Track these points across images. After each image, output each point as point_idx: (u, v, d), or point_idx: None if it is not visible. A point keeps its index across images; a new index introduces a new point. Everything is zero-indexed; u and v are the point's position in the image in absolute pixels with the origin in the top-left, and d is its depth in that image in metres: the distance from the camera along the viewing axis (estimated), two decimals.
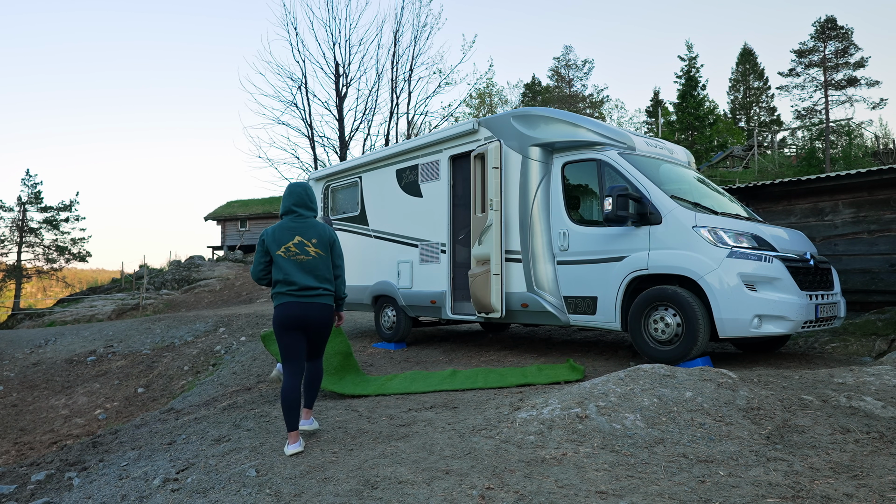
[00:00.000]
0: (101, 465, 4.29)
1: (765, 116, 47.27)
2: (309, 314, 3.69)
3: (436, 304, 7.48)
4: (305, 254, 3.72)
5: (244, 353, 9.74)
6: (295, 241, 3.72)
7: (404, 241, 8.06)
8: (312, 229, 3.78)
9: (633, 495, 2.53)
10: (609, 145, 6.03)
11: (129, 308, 21.04)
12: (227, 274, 25.61)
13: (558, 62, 46.86)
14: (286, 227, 3.76)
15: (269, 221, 32.43)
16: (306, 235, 3.75)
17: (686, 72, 36.89)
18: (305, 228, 3.77)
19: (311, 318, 3.70)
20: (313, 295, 3.70)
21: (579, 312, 5.95)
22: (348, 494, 2.75)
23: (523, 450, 3.18)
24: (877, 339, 6.50)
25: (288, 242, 3.71)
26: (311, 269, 3.72)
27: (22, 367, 12.20)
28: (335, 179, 9.53)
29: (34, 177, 33.72)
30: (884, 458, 2.84)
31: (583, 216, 6.09)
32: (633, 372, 3.99)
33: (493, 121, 6.91)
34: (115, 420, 8.52)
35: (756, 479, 2.62)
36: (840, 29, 32.74)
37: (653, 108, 43.21)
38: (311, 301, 3.70)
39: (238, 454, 3.67)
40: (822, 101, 33.18)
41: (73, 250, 33.75)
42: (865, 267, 7.99)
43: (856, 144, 30.98)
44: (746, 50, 48.31)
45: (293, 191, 3.85)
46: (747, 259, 5.01)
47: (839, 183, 8.01)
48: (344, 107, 22.07)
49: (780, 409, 3.44)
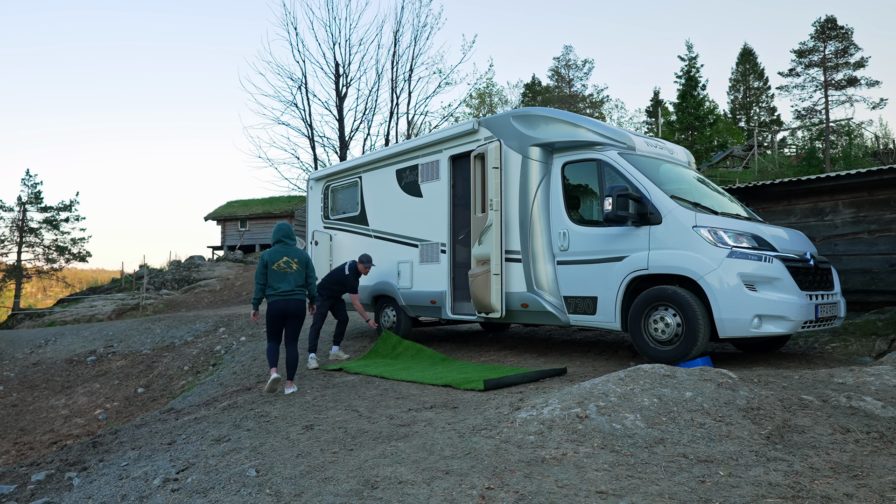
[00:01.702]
0: (101, 465, 4.29)
1: (765, 116, 47.25)
2: (289, 307, 5.71)
3: (436, 304, 7.48)
4: (289, 268, 5.75)
5: (244, 353, 9.74)
6: (283, 260, 5.74)
7: (404, 241, 8.06)
8: (295, 252, 5.84)
9: (634, 495, 2.53)
10: (609, 145, 6.03)
11: (129, 308, 21.04)
12: (227, 274, 25.61)
13: (558, 62, 46.85)
14: (278, 250, 5.79)
15: (269, 221, 32.40)
16: (290, 256, 5.79)
17: (686, 72, 36.88)
18: (290, 252, 5.80)
19: (289, 310, 5.72)
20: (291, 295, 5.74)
21: (579, 312, 5.95)
22: (348, 494, 2.75)
23: (523, 450, 3.18)
24: (877, 339, 6.50)
25: (279, 260, 5.73)
26: (293, 279, 5.75)
27: (22, 367, 12.20)
28: (335, 179, 9.53)
29: (34, 177, 33.69)
30: (884, 458, 2.84)
31: (583, 216, 6.09)
32: (634, 372, 3.99)
33: (493, 121, 6.91)
34: (115, 420, 8.52)
35: (756, 479, 2.62)
36: (840, 29, 32.73)
37: (653, 108, 43.21)
38: (290, 298, 5.72)
39: (238, 454, 3.67)
40: (822, 101, 33.18)
41: (73, 250, 33.72)
42: (865, 267, 7.99)
43: (856, 144, 30.98)
44: (746, 50, 48.30)
45: (281, 227, 5.90)
46: (747, 259, 5.01)
47: (839, 183, 8.01)
48: (344, 107, 22.09)
49: (780, 409, 3.44)
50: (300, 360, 7.19)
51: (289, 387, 5.77)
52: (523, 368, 5.93)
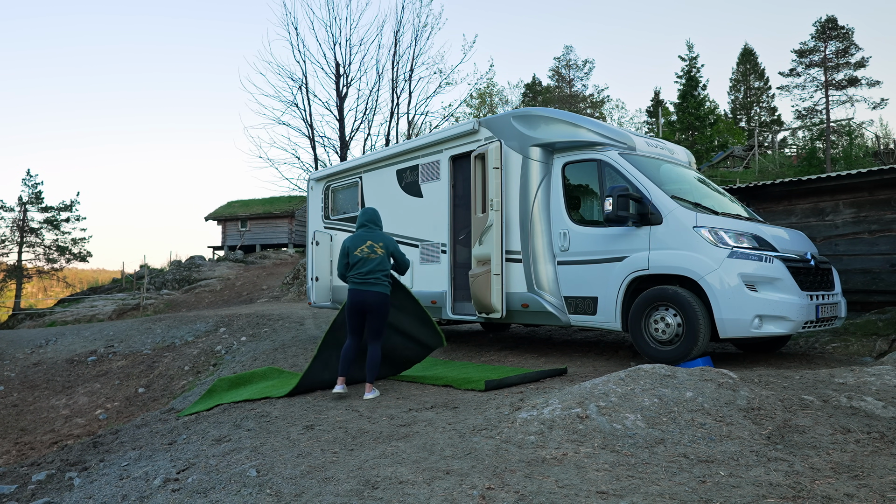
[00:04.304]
0: (101, 465, 4.29)
1: (765, 116, 47.20)
2: (366, 300, 5.05)
3: (436, 305, 7.48)
4: (373, 252, 5.14)
5: (245, 353, 9.74)
6: (367, 245, 5.17)
7: (405, 241, 8.06)
8: (379, 237, 5.24)
9: (634, 495, 2.53)
10: (609, 145, 6.03)
11: (129, 308, 21.05)
12: (227, 274, 25.61)
13: (559, 62, 46.80)
14: (360, 235, 5.23)
15: (270, 221, 32.41)
16: (375, 240, 5.20)
17: (686, 72, 36.87)
18: (374, 236, 5.22)
19: (367, 303, 5.05)
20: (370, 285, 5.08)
21: (580, 313, 5.95)
22: (349, 494, 2.75)
23: (524, 450, 3.18)
24: (877, 340, 6.49)
25: (362, 245, 5.16)
26: (376, 265, 5.11)
27: (23, 367, 12.21)
28: (336, 179, 9.53)
29: (35, 177, 33.67)
30: (884, 458, 2.84)
31: (583, 216, 6.09)
32: (634, 372, 3.99)
33: (493, 121, 6.91)
34: (115, 420, 8.52)
35: (757, 480, 2.62)
36: (841, 29, 32.69)
37: (653, 109, 43.17)
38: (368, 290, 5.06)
39: (238, 454, 3.68)
40: (823, 101, 33.14)
41: (74, 250, 33.73)
42: (866, 267, 7.98)
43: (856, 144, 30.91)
44: (747, 50, 48.25)
45: (367, 211, 5.37)
46: (748, 259, 5.01)
47: (840, 183, 8.00)
48: (344, 107, 22.11)
49: (781, 409, 3.44)
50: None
51: (368, 391, 5.08)
52: (524, 369, 5.93)
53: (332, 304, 9.40)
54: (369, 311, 5.09)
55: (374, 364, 5.14)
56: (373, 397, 5.00)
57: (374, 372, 5.14)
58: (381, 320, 5.16)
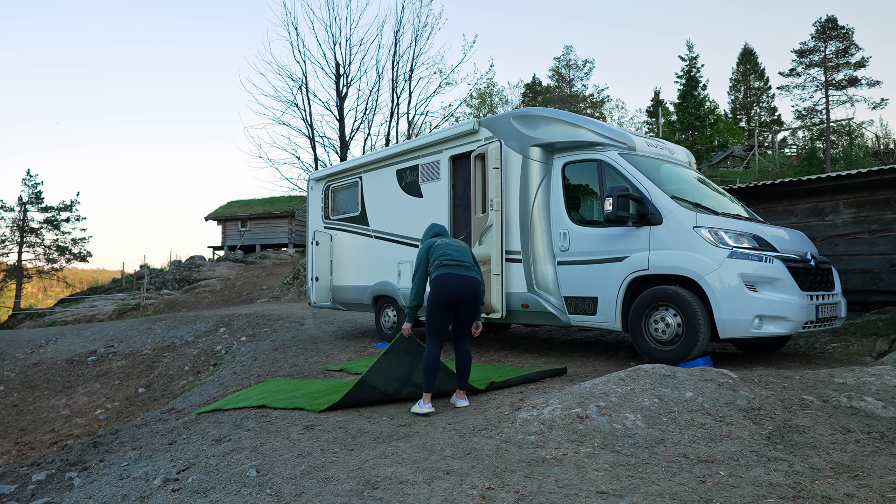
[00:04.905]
0: (101, 465, 4.29)
1: (765, 116, 47.19)
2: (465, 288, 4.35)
3: None
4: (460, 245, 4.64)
5: (245, 353, 9.74)
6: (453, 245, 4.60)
7: (405, 241, 8.06)
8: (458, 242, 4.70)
9: (634, 495, 2.53)
10: (609, 145, 6.03)
11: (129, 308, 21.05)
12: (227, 274, 25.61)
13: (559, 62, 46.76)
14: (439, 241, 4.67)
15: (270, 221, 32.42)
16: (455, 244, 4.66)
17: (686, 72, 36.85)
18: (452, 241, 4.70)
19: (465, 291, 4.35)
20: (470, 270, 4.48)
21: (580, 313, 5.95)
22: (349, 494, 2.75)
23: (524, 450, 3.18)
24: (877, 340, 6.49)
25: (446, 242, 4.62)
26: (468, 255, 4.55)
27: (23, 367, 12.21)
28: (335, 180, 9.53)
29: (35, 177, 33.66)
30: (884, 458, 2.84)
31: (583, 216, 6.09)
32: (634, 372, 3.99)
33: (493, 121, 6.91)
34: (115, 420, 8.52)
35: (757, 480, 2.62)
36: (841, 29, 32.68)
37: (653, 109, 43.17)
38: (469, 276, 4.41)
39: (239, 454, 3.68)
40: (823, 101, 33.13)
41: (74, 250, 33.72)
42: (866, 267, 7.98)
43: (856, 144, 30.90)
44: (747, 50, 48.24)
45: (434, 226, 4.93)
46: (748, 259, 5.01)
47: (840, 183, 8.00)
48: (344, 107, 22.12)
49: (781, 409, 3.44)
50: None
51: (461, 398, 4.48)
52: (524, 369, 5.93)
53: (332, 305, 9.40)
54: (464, 303, 4.35)
55: (467, 365, 4.47)
56: (467, 405, 4.40)
57: (466, 375, 4.49)
58: (476, 314, 4.49)
